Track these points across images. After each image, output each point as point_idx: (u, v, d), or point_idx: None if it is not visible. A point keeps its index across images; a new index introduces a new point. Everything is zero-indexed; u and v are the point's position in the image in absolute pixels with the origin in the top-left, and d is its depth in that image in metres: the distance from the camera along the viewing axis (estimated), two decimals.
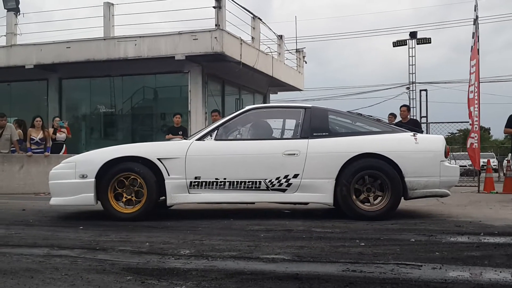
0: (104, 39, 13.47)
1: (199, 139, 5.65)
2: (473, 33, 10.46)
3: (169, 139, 8.51)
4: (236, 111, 6.11)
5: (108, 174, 5.45)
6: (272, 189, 5.46)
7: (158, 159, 5.47)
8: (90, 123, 15.33)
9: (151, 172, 5.44)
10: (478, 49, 10.13)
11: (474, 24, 10.51)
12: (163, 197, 5.52)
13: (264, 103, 16.01)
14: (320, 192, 5.43)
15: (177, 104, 13.58)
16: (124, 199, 5.50)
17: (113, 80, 14.48)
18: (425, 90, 16.07)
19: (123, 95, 14.57)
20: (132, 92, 14.56)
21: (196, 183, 5.46)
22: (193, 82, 13.30)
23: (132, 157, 5.53)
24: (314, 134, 5.61)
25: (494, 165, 19.71)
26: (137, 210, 5.44)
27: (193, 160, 5.48)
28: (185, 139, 6.50)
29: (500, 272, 2.88)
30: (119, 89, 14.57)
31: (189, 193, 5.47)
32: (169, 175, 5.44)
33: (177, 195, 5.47)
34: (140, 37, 13.03)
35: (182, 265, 3.10)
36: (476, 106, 10.04)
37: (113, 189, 5.48)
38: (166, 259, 3.33)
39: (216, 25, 12.21)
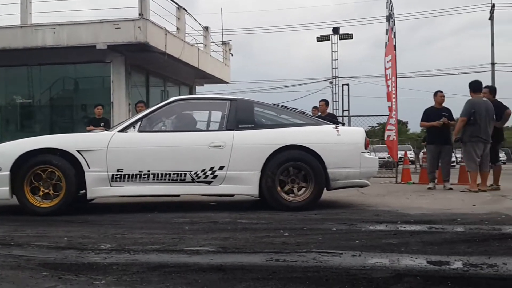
0: (21, 27, 12.74)
1: (121, 131, 5.50)
2: (387, 29, 10.91)
3: (90, 131, 8.21)
4: (160, 102, 5.99)
5: (24, 167, 5.20)
6: (197, 181, 5.42)
7: (78, 151, 5.26)
8: (5, 114, 14.46)
9: (70, 164, 5.23)
10: (395, 45, 10.55)
11: (387, 21, 10.96)
12: (84, 191, 5.33)
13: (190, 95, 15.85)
14: (245, 184, 5.46)
15: (99, 95, 13.10)
16: (41, 193, 5.26)
17: (31, 70, 13.75)
18: (347, 84, 16.69)
19: (41, 85, 13.89)
20: (51, 82, 13.90)
21: (119, 176, 5.31)
22: (116, 72, 12.89)
23: (50, 149, 5.28)
24: (240, 126, 5.62)
25: (411, 157, 20.76)
26: (55, 204, 5.21)
27: (115, 152, 5.32)
28: (107, 130, 6.30)
29: (416, 258, 3.01)
30: (37, 79, 13.88)
31: (111, 186, 5.31)
32: (89, 167, 5.25)
33: (98, 189, 5.29)
34: (59, 25, 12.44)
35: (102, 260, 3.00)
36: (394, 100, 10.47)
37: (30, 183, 5.24)
38: (85, 254, 3.21)
39: (139, 14, 11.89)
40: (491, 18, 25.40)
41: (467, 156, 8.02)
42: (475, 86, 8.13)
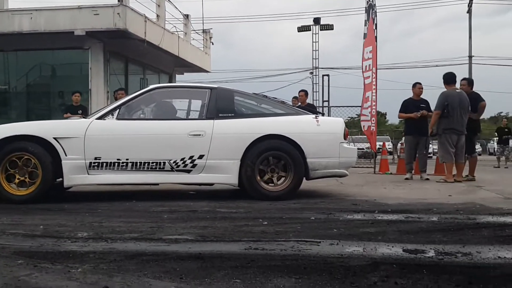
0: None
1: (99, 118, 5.43)
2: (365, 21, 10.97)
3: (67, 118, 8.09)
4: (139, 90, 5.92)
5: None
6: (177, 170, 5.39)
7: (55, 138, 5.19)
8: None
9: (46, 152, 5.16)
10: (376, 36, 10.61)
11: (366, 12, 11.02)
12: (60, 179, 5.26)
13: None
14: (225, 173, 5.45)
15: (76, 82, 12.90)
16: (16, 181, 5.18)
17: (7, 56, 13.46)
18: (327, 75, 16.66)
19: (18, 71, 13.62)
20: (28, 68, 13.63)
21: (96, 164, 5.25)
22: (94, 59, 12.69)
23: (26, 136, 5.20)
24: (220, 115, 5.59)
25: (389, 148, 20.97)
26: (31, 192, 5.14)
27: (93, 139, 5.26)
28: (84, 118, 6.22)
29: (392, 247, 3.04)
30: (13, 65, 13.60)
31: (88, 174, 5.25)
32: (66, 155, 5.19)
33: (75, 177, 5.23)
34: (36, 10, 12.19)
35: (79, 248, 2.97)
36: (374, 91, 10.54)
37: (5, 170, 5.17)
38: (61, 242, 3.17)
39: (118, 1, 11.71)
40: (469, 11, 25.68)
41: (441, 147, 8.12)
42: (448, 78, 8.20)
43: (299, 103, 10.29)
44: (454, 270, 2.50)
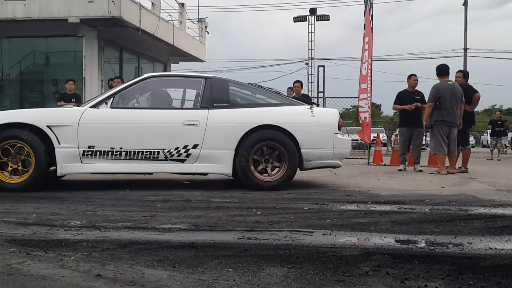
0: None
1: (93, 107, 5.41)
2: (364, 11, 10.95)
3: (61, 106, 8.05)
4: (134, 79, 5.90)
5: None
6: (171, 160, 5.39)
7: (48, 126, 5.17)
8: None
9: (39, 140, 5.14)
10: (372, 27, 10.60)
11: (364, 3, 11.00)
12: (54, 167, 5.25)
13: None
14: (219, 163, 5.45)
15: (70, 70, 12.83)
16: (9, 169, 5.16)
17: (0, 43, 13.37)
18: (323, 66, 16.75)
19: (11, 59, 13.54)
20: (21, 56, 13.56)
21: (90, 152, 5.24)
22: (88, 47, 12.62)
23: (19, 124, 5.17)
24: (215, 104, 5.58)
25: (383, 139, 21.02)
26: (24, 180, 5.13)
27: (87, 128, 5.24)
28: (78, 106, 6.19)
29: (385, 237, 3.06)
30: (6, 52, 13.52)
31: (82, 162, 5.24)
32: (59, 143, 5.17)
33: (68, 165, 5.22)
34: None
35: (72, 236, 2.97)
36: (369, 82, 10.55)
37: None
38: (54, 230, 3.17)
39: None
40: (465, 3, 25.63)
41: (434, 139, 8.14)
42: (441, 70, 8.20)
43: (294, 94, 10.29)
44: (446, 260, 2.52)
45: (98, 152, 5.26)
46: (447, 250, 2.75)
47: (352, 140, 7.41)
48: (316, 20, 26.93)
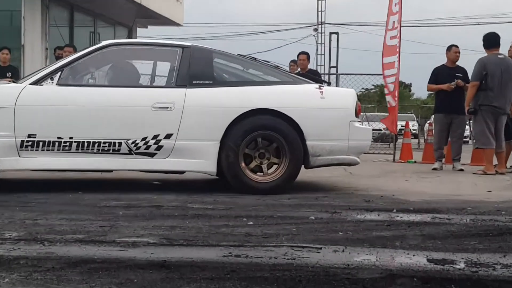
0: None
1: (34, 83, 5.40)
2: None
3: None
4: (89, 47, 5.88)
5: None
6: (136, 153, 5.40)
7: None
8: None
9: None
10: None
11: None
12: None
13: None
14: (200, 158, 5.46)
15: (5, 36, 12.75)
16: None
17: None
18: (336, 33, 16.71)
19: None
20: None
21: (30, 143, 5.24)
22: (29, 6, 12.54)
23: None
24: (194, 82, 5.59)
25: (413, 129, 21.12)
26: None
27: (26, 111, 5.24)
28: (15, 82, 6.18)
29: (413, 255, 3.08)
30: None
31: (19, 156, 5.24)
32: None
33: (2, 159, 5.22)
34: None
35: (7, 252, 2.97)
36: (396, 55, 10.52)
37: None
38: None
39: None
40: None
41: (477, 129, 8.17)
42: (488, 40, 8.21)
43: (299, 69, 10.30)
44: (492, 285, 2.54)
45: (40, 143, 5.25)
46: (494, 272, 2.77)
47: (373, 130, 7.43)
48: None
